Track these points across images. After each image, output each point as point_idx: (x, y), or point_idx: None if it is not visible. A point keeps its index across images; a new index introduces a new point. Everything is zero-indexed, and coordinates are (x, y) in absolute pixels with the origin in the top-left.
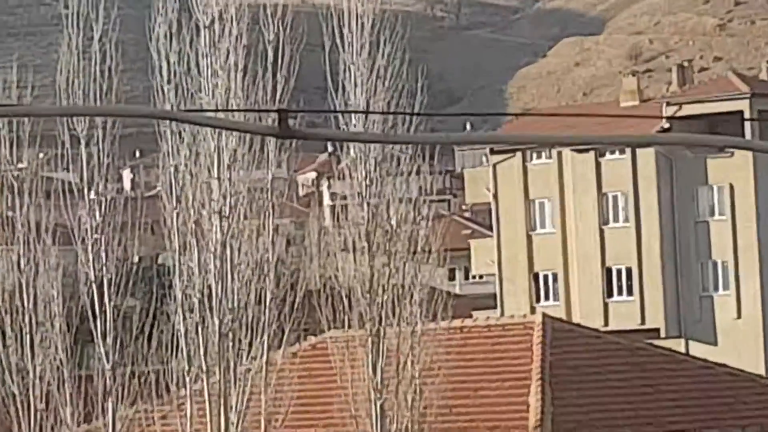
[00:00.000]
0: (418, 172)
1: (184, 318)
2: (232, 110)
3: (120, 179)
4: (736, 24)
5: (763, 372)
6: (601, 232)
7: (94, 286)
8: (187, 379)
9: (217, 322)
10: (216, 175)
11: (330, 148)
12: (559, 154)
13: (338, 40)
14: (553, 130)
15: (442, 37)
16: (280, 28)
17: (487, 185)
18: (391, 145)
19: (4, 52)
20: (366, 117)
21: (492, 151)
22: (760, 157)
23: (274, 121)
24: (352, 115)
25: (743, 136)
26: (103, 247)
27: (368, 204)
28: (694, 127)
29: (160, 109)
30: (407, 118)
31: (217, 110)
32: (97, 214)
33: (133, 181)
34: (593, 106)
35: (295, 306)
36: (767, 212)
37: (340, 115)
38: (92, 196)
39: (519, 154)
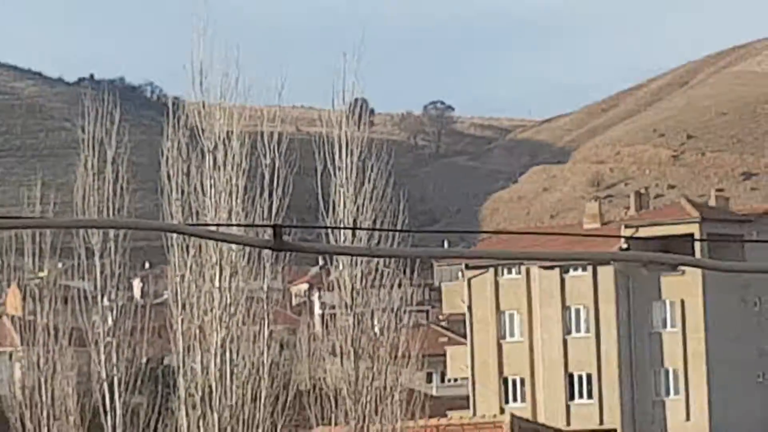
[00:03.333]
0: (399, 285)
1: (187, 414)
2: (233, 224)
3: (130, 288)
4: (688, 155)
5: None
6: (565, 341)
7: (105, 384)
8: None
9: (216, 417)
10: (218, 285)
11: (321, 262)
12: (528, 270)
13: (330, 166)
14: (523, 248)
15: (423, 163)
16: (276, 154)
17: (462, 297)
18: (375, 259)
19: (28, 172)
20: (353, 235)
21: (467, 267)
22: (709, 275)
23: (270, 236)
24: (341, 233)
25: (693, 256)
26: (114, 349)
27: (354, 313)
28: (650, 248)
29: (169, 223)
30: (390, 236)
31: (218, 224)
32: (109, 319)
33: (142, 289)
34: (559, 228)
35: (287, 404)
36: (715, 325)
37: (330, 233)
38: (105, 303)
39: (491, 269)
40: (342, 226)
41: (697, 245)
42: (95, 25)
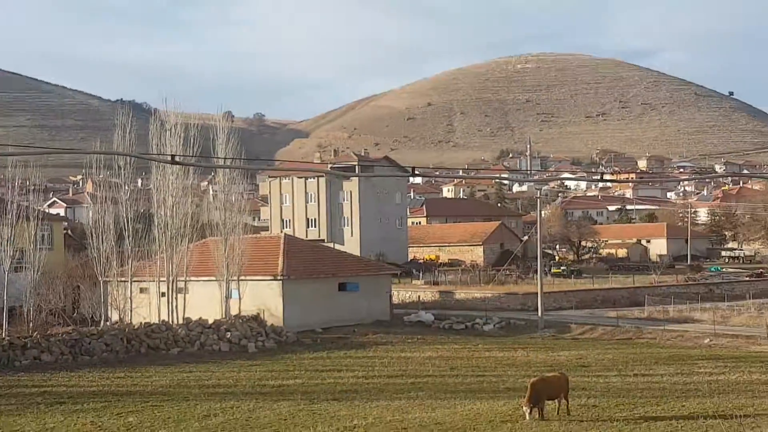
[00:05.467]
0: (244, 183)
1: (157, 231)
2: (171, 154)
3: (136, 182)
4: (355, 136)
5: (358, 254)
6: (306, 206)
7: (124, 220)
8: (158, 253)
9: (169, 233)
10: (170, 181)
11: (212, 173)
12: (292, 179)
13: (216, 137)
14: (292, 168)
15: (252, 138)
16: (196, 132)
17: (267, 189)
18: (234, 171)
19: (92, 140)
20: (224, 161)
21: (269, 176)
22: (361, 180)
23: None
24: (223, 161)
25: (355, 172)
26: (129, 206)
27: (225, 193)
28: (340, 171)
29: (148, 154)
30: (240, 162)
31: (170, 155)
32: (129, 194)
33: (141, 182)
34: (313, 162)
35: (197, 228)
36: (362, 200)
37: (217, 161)
38: (125, 188)
39: (279, 177)
40: (217, 157)
41: (357, 168)
42: (128, 74)
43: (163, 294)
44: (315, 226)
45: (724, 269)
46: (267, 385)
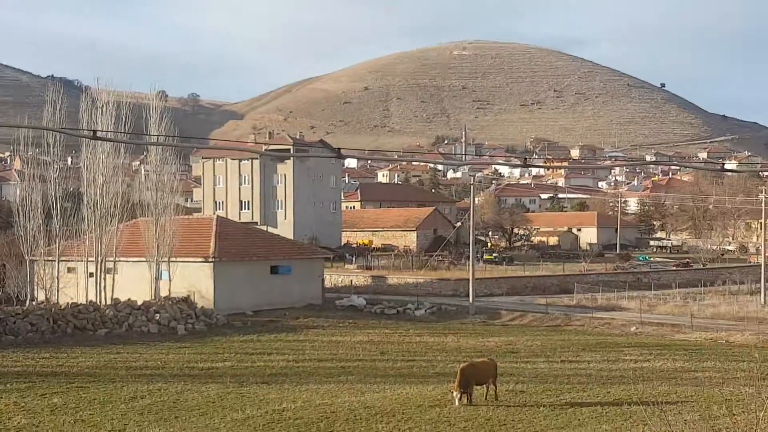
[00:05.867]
0: (175, 163)
1: (87, 210)
2: (93, 130)
3: (66, 159)
4: (291, 119)
5: (291, 237)
6: (240, 188)
7: (53, 198)
8: (87, 233)
9: (99, 212)
10: (101, 158)
11: (145, 152)
12: (226, 160)
13: (149, 115)
14: (230, 148)
15: (189, 117)
16: (129, 109)
17: (201, 170)
18: (167, 149)
19: (23, 114)
20: (158, 139)
21: (203, 157)
22: (297, 163)
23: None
24: (156, 139)
25: (290, 154)
26: (58, 183)
27: (157, 174)
28: (278, 152)
29: (77, 130)
30: (174, 140)
31: (86, 129)
32: (57, 172)
33: (71, 161)
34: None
35: (128, 208)
36: (297, 182)
37: (147, 139)
38: (54, 166)
39: (213, 159)
40: (146, 134)
41: (292, 151)
42: (59, 50)
43: (91, 274)
44: (248, 209)
45: (651, 258)
46: (196, 368)
